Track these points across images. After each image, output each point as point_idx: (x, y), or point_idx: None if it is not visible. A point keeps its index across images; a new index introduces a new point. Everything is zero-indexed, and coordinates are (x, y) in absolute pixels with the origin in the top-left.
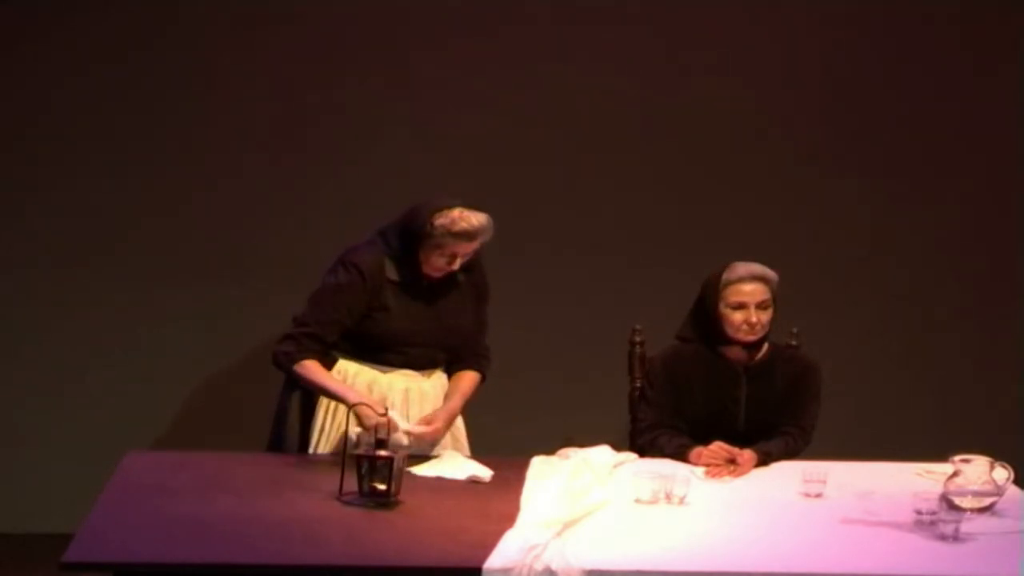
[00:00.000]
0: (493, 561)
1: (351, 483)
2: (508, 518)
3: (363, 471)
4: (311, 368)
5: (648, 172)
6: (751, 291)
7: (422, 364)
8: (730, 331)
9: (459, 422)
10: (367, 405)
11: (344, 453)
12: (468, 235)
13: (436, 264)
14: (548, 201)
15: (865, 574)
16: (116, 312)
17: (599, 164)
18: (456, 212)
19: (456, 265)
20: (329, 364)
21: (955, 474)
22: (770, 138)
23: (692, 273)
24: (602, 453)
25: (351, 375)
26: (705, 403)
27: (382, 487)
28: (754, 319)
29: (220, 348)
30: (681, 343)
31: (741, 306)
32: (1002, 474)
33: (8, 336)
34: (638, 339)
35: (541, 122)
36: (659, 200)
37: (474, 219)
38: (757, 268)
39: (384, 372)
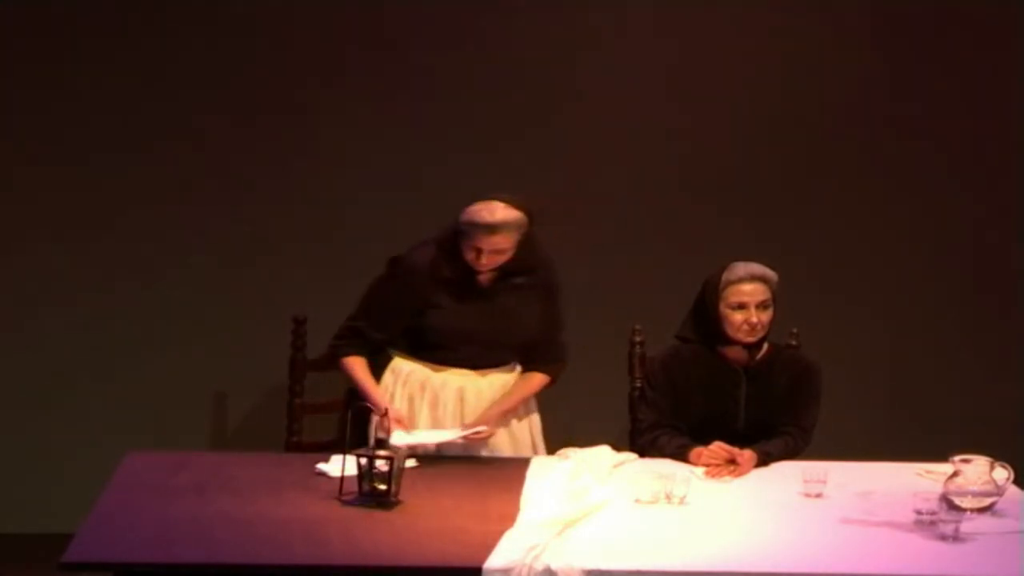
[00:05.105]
0: (493, 561)
1: (351, 483)
2: (508, 518)
3: (363, 471)
4: (353, 365)
5: (648, 172)
6: (751, 291)
7: (480, 363)
8: (730, 331)
9: (534, 421)
10: (393, 419)
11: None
12: (487, 227)
13: (468, 257)
14: (548, 201)
15: (865, 574)
16: (116, 312)
17: (599, 164)
18: (485, 204)
19: (484, 260)
20: (384, 361)
21: (955, 474)
22: (770, 138)
23: (692, 273)
24: (602, 453)
25: (405, 373)
26: (705, 403)
27: (382, 487)
28: (754, 319)
29: (221, 348)
30: (681, 343)
31: (741, 306)
32: (1002, 474)
33: (8, 336)
34: (638, 339)
35: (541, 122)
36: (659, 200)
37: (499, 212)
38: (757, 268)
39: (437, 370)
